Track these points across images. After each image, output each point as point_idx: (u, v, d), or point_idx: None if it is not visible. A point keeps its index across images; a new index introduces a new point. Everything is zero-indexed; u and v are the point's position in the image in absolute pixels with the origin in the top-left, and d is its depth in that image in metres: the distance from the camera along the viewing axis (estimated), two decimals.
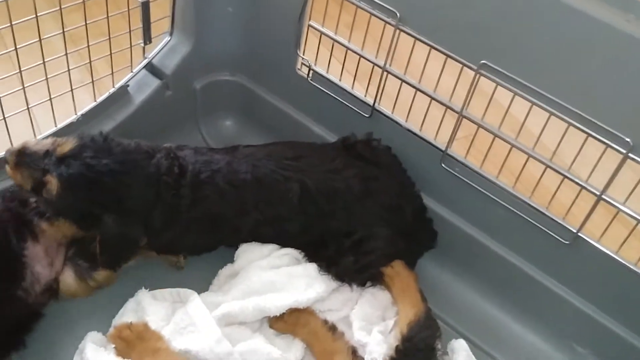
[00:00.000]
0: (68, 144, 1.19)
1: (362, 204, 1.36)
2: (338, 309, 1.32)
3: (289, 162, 1.35)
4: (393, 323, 1.29)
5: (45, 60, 1.29)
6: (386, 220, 1.37)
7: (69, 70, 1.34)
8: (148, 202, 1.23)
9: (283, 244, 1.38)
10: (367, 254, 1.34)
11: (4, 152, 1.23)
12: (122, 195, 1.20)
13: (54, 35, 1.29)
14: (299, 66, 1.55)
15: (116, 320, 1.24)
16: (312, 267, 1.32)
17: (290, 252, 1.36)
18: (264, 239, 1.38)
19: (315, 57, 1.51)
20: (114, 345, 1.15)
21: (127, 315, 1.23)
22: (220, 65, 1.64)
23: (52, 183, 1.15)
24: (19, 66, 1.25)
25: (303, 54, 1.52)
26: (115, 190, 1.19)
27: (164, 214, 1.25)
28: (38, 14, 1.20)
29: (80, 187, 1.16)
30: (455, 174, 1.38)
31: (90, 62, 1.39)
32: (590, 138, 1.15)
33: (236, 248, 1.39)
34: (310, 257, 1.36)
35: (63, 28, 1.28)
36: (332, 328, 1.25)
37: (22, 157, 1.17)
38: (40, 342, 1.24)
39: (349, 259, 1.33)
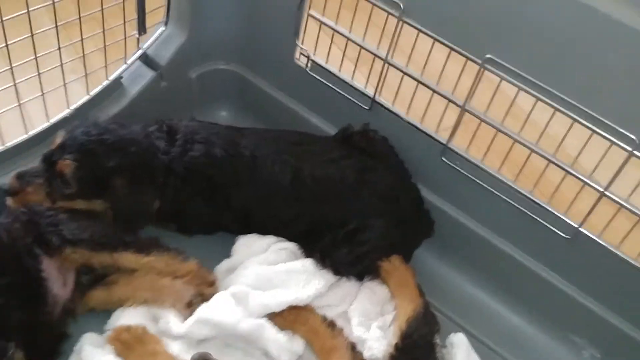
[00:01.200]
0: (59, 137, 1.27)
1: (357, 194, 1.35)
2: (337, 305, 1.31)
3: (290, 147, 1.38)
4: (392, 318, 1.29)
5: (38, 55, 1.26)
6: (382, 211, 1.36)
7: (62, 64, 1.31)
8: (149, 164, 1.29)
9: (276, 231, 1.37)
10: (361, 244, 1.33)
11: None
12: (125, 153, 1.26)
13: (48, 29, 1.25)
14: (297, 56, 1.52)
15: (111, 322, 1.22)
16: (310, 263, 1.31)
17: (289, 247, 1.35)
18: (257, 225, 1.37)
19: (315, 47, 1.48)
20: (112, 347, 1.13)
21: (123, 318, 1.21)
22: (216, 54, 1.61)
23: (65, 164, 1.23)
24: (10, 62, 1.22)
25: (302, 44, 1.49)
26: (118, 149, 1.26)
27: (162, 173, 1.30)
28: (31, 9, 1.16)
29: (87, 154, 1.24)
30: (456, 167, 1.37)
31: (83, 54, 1.35)
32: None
33: (232, 243, 1.38)
34: (305, 248, 1.35)
35: (56, 22, 1.25)
36: (331, 325, 1.25)
37: (22, 177, 1.25)
38: None
39: (342, 251, 1.32)
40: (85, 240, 1.21)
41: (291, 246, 1.35)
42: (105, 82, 1.45)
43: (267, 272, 1.28)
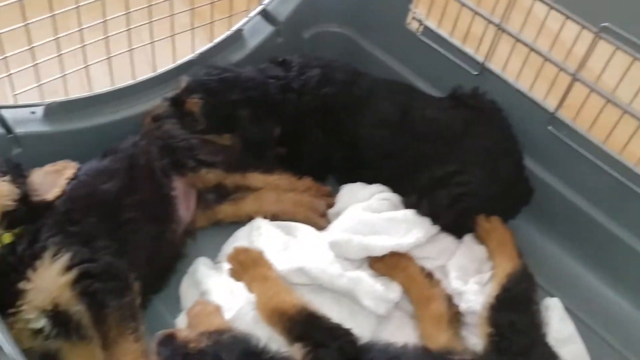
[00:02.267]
0: (183, 81, 1.40)
1: (460, 141, 1.39)
2: (435, 258, 1.34)
3: (403, 90, 1.49)
4: (489, 276, 1.31)
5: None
6: (482, 164, 1.38)
7: (192, 8, 1.40)
8: (266, 93, 1.40)
9: (379, 163, 1.42)
10: (459, 185, 1.35)
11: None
12: (244, 87, 1.38)
13: None
14: (408, 21, 1.56)
15: (227, 247, 1.30)
16: (412, 213, 1.35)
17: (391, 197, 1.39)
18: (363, 160, 1.44)
19: (428, 11, 1.52)
20: (228, 267, 1.20)
21: (238, 242, 1.28)
22: (330, 16, 1.68)
23: (194, 103, 1.36)
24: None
25: (415, 8, 1.53)
26: (237, 84, 1.38)
27: (280, 92, 1.41)
28: None
29: (211, 92, 1.36)
30: (562, 137, 1.38)
31: (212, 2, 1.44)
32: None
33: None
34: (404, 187, 1.39)
35: None
36: (429, 275, 1.28)
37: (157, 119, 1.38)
38: None
39: (441, 192, 1.35)
40: (220, 162, 1.33)
41: (393, 197, 1.39)
42: (228, 32, 1.54)
43: (369, 219, 1.32)
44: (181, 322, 1.18)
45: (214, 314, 1.12)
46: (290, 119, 1.42)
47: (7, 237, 1.10)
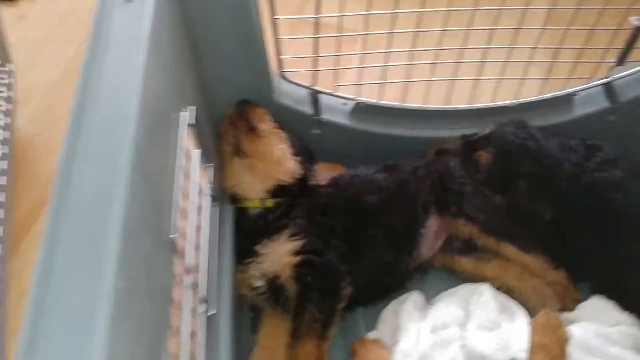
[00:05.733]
0: (488, 128, 1.38)
1: None
2: None
3: None
4: None
5: (516, 45, 1.35)
6: None
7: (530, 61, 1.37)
8: (554, 176, 1.32)
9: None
10: None
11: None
12: (538, 164, 1.31)
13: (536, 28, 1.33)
14: None
15: (440, 296, 1.30)
16: None
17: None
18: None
19: None
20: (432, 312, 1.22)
21: (453, 297, 1.27)
22: None
23: (484, 156, 1.35)
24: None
25: None
26: (534, 158, 1.31)
27: (566, 182, 1.32)
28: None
29: (506, 155, 1.33)
30: None
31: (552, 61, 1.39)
32: None
33: None
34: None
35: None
36: None
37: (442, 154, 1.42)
38: None
39: None
40: (480, 220, 1.32)
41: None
42: (558, 92, 1.47)
43: (600, 347, 1.19)
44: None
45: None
46: (566, 210, 1.33)
47: (270, 202, 1.27)
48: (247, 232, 1.27)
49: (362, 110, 1.44)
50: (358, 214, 1.29)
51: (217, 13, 1.17)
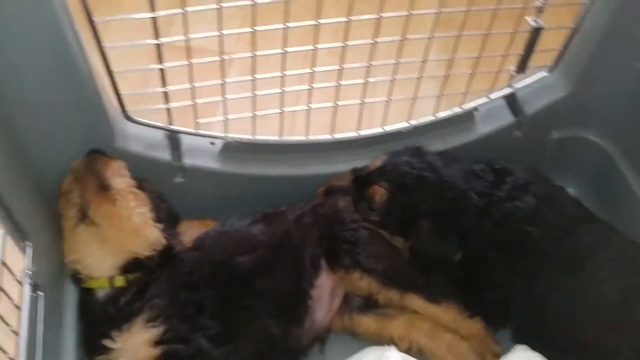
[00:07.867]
0: (380, 159, 1.19)
1: None
2: None
3: None
4: None
5: (402, 60, 1.14)
6: None
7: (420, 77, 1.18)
8: (461, 211, 1.14)
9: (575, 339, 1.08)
10: None
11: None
12: (440, 197, 1.14)
13: (420, 38, 1.13)
14: None
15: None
16: None
17: None
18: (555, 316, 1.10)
19: None
20: None
21: None
22: (593, 122, 1.33)
23: (378, 191, 1.15)
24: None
25: None
26: (435, 191, 1.14)
27: (474, 217, 1.14)
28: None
29: (403, 189, 1.15)
30: None
31: (447, 75, 1.20)
32: None
33: None
34: None
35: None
36: None
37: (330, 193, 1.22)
38: None
39: None
40: (379, 272, 1.12)
41: None
42: (457, 109, 1.29)
43: None
44: None
45: None
46: (475, 247, 1.14)
47: (120, 281, 1.02)
48: (93, 322, 1.01)
49: (234, 149, 1.21)
50: (229, 281, 1.05)
51: (20, 49, 0.91)
